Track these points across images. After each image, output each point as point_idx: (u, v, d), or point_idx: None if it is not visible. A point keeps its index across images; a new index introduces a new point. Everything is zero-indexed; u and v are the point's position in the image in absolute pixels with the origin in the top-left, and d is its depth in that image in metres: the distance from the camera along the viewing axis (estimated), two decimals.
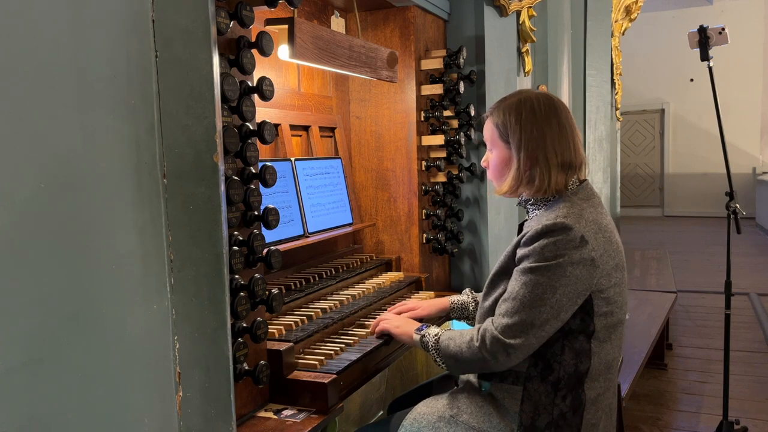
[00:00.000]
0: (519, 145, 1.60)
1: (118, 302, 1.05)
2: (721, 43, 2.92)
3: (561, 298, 1.48)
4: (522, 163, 1.60)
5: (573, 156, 1.61)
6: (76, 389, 0.98)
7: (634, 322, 4.05)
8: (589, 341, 1.53)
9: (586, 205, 1.57)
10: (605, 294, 1.52)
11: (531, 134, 1.59)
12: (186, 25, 1.14)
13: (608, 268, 1.52)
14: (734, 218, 2.91)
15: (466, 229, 2.79)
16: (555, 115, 1.60)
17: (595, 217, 1.54)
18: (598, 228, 1.52)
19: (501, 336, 1.50)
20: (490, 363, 1.53)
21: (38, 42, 0.92)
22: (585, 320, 1.52)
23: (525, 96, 1.64)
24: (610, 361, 1.58)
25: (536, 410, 1.54)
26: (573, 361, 1.53)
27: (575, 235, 1.48)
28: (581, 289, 1.49)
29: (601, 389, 1.57)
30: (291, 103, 2.25)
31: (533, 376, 1.55)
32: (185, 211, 1.16)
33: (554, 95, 1.69)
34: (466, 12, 2.72)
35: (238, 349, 1.41)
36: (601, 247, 1.51)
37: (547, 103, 1.61)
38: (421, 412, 1.67)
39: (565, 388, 1.54)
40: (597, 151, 4.76)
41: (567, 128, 1.61)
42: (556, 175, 1.59)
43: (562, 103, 1.66)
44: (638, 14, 5.45)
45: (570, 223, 1.49)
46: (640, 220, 12.06)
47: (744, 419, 3.23)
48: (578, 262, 1.47)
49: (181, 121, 1.15)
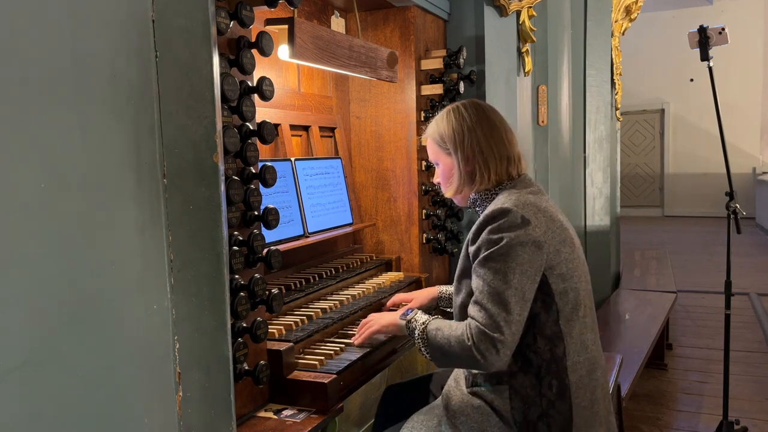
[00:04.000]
0: (455, 148, 1.71)
1: (118, 302, 1.05)
2: (721, 43, 2.92)
3: (521, 278, 1.51)
4: (461, 162, 1.71)
5: (508, 149, 1.71)
6: (76, 389, 0.98)
7: (634, 322, 4.05)
8: (557, 323, 1.56)
9: (525, 191, 1.65)
10: (557, 270, 1.57)
11: (463, 135, 1.70)
12: (186, 25, 1.14)
13: (555, 244, 1.57)
14: (734, 218, 2.91)
15: (466, 229, 2.79)
16: (483, 114, 1.72)
17: (533, 200, 1.61)
18: (537, 209, 1.59)
19: (485, 329, 1.48)
20: (480, 362, 1.49)
21: (38, 42, 0.92)
22: (546, 301, 1.56)
23: (452, 106, 1.77)
24: (585, 341, 1.60)
25: (526, 404, 1.56)
26: (547, 346, 1.56)
27: (515, 216, 1.55)
28: (536, 266, 1.54)
29: (584, 370, 1.59)
30: (291, 103, 2.25)
31: (515, 371, 1.58)
32: (185, 211, 1.16)
33: (482, 101, 1.82)
34: (466, 12, 2.72)
35: (238, 349, 1.41)
36: (543, 225, 1.57)
37: (473, 106, 1.74)
38: (419, 420, 1.68)
39: (548, 375, 1.56)
40: (597, 151, 4.75)
41: (497, 125, 1.72)
42: (495, 167, 1.69)
43: (488, 105, 1.79)
44: (638, 14, 5.45)
45: (508, 206, 1.57)
46: (640, 220, 12.06)
47: (744, 419, 3.23)
48: (525, 240, 1.53)
49: (181, 121, 1.15)
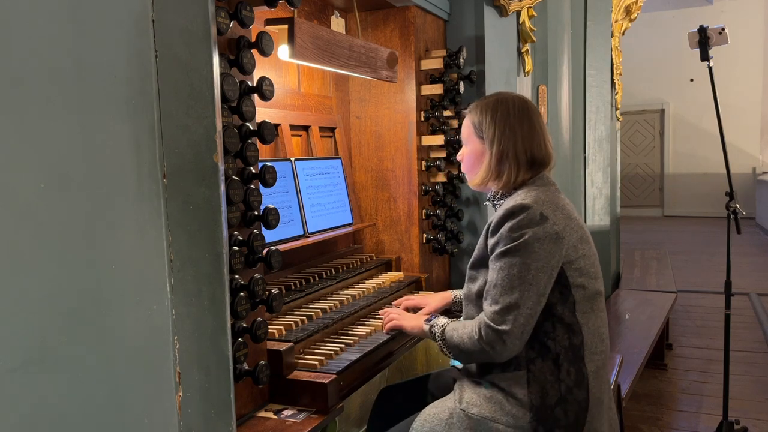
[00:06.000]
0: (492, 141, 1.73)
1: (118, 302, 1.05)
2: (721, 43, 2.92)
3: (537, 274, 1.56)
4: (493, 157, 1.73)
5: (542, 154, 1.74)
6: (75, 389, 0.98)
7: (634, 322, 4.05)
8: (574, 314, 1.61)
9: (543, 189, 1.69)
10: (576, 265, 1.62)
11: (504, 132, 1.72)
12: (186, 25, 1.14)
13: (573, 240, 1.62)
14: (734, 218, 2.91)
15: (466, 229, 2.79)
16: (527, 116, 1.74)
17: (551, 198, 1.66)
18: (555, 206, 1.64)
19: (492, 323, 1.57)
20: (490, 353, 1.59)
21: (38, 42, 0.92)
22: (563, 292, 1.61)
23: (502, 97, 1.78)
24: (601, 334, 1.66)
25: (544, 389, 1.59)
26: (566, 335, 1.61)
27: (534, 213, 1.59)
28: (553, 262, 1.58)
29: (600, 362, 1.65)
30: (291, 103, 2.25)
31: (533, 357, 1.61)
32: (185, 211, 1.16)
33: (530, 100, 1.82)
34: (466, 12, 2.72)
35: (238, 349, 1.41)
36: (561, 222, 1.61)
37: (522, 106, 1.75)
38: (431, 413, 1.69)
39: (566, 362, 1.60)
40: (597, 151, 4.75)
41: (538, 129, 1.74)
42: (524, 171, 1.72)
43: (535, 107, 1.80)
44: (638, 14, 5.44)
45: (528, 203, 1.61)
46: (640, 220, 12.06)
47: (744, 419, 3.23)
48: (543, 237, 1.57)
49: (181, 121, 1.15)
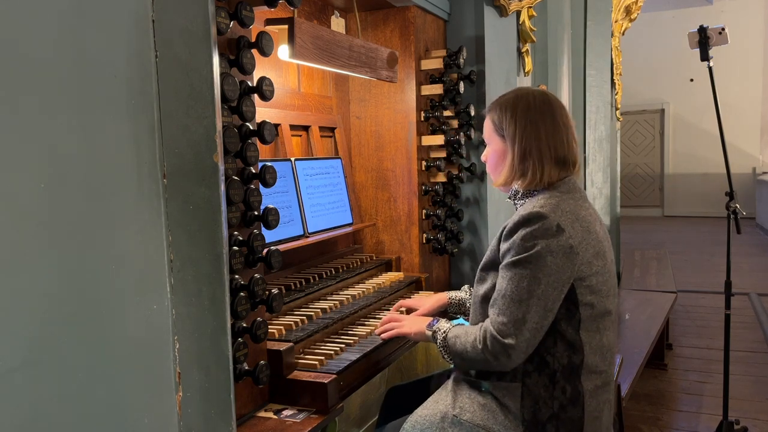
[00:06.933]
0: (513, 139, 1.65)
1: (118, 302, 1.05)
2: (721, 43, 2.92)
3: (546, 289, 1.50)
4: (516, 155, 1.65)
5: (566, 152, 1.64)
6: (76, 389, 0.98)
7: (634, 322, 4.05)
8: (578, 332, 1.55)
9: (566, 197, 1.60)
10: (587, 282, 1.54)
11: (525, 128, 1.63)
12: (186, 25, 1.14)
13: (588, 256, 1.54)
14: (734, 218, 2.91)
15: (466, 229, 2.79)
16: (550, 111, 1.64)
17: (572, 208, 1.57)
18: (575, 218, 1.55)
19: (498, 335, 1.53)
20: (493, 364, 1.56)
21: (38, 42, 0.92)
22: (570, 309, 1.55)
23: (522, 93, 1.69)
24: (604, 353, 1.60)
25: (536, 404, 1.56)
26: (566, 352, 1.56)
27: (551, 224, 1.51)
28: (564, 277, 1.52)
29: (599, 382, 1.59)
30: (291, 103, 2.25)
31: (530, 371, 1.57)
32: (185, 211, 1.16)
33: (552, 94, 1.72)
34: (466, 12, 2.72)
35: (238, 349, 1.41)
36: (578, 236, 1.53)
37: (543, 100, 1.66)
38: (422, 415, 1.67)
39: (562, 380, 1.56)
40: (597, 151, 4.75)
41: (561, 125, 1.65)
42: (549, 169, 1.62)
43: (558, 101, 1.70)
44: (638, 14, 5.45)
45: (545, 212, 1.53)
46: (640, 220, 12.06)
47: (744, 419, 3.23)
48: (557, 250, 1.50)
49: (181, 121, 1.15)
